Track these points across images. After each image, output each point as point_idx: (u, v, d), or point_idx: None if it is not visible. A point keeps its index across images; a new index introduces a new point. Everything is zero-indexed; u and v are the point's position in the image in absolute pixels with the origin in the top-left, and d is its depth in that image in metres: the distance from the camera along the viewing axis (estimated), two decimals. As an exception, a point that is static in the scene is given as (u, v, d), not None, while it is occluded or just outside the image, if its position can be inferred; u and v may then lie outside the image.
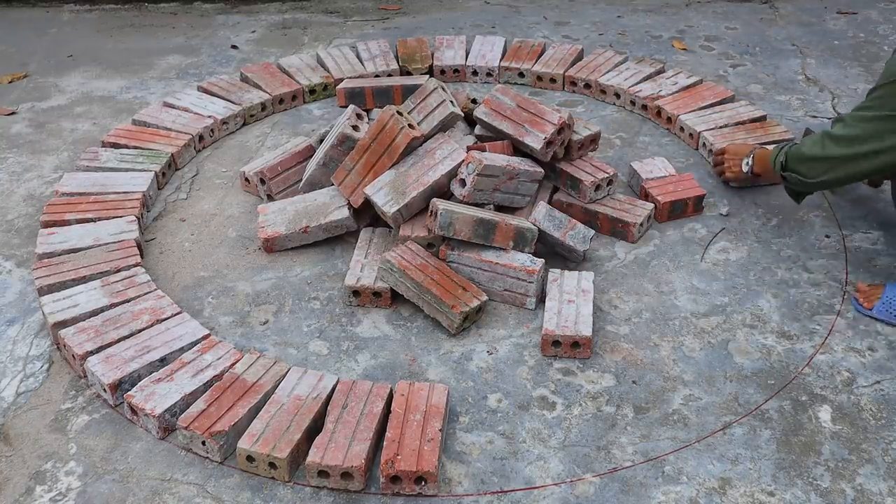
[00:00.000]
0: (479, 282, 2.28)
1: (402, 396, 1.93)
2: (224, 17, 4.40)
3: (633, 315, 2.27)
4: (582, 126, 2.62)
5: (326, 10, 4.47)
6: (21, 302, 2.38)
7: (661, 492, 1.77)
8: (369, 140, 2.38)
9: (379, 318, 2.29)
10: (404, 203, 2.26)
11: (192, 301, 2.36)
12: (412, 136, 2.36)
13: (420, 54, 3.65)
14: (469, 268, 2.28)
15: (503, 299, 2.29)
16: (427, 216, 2.30)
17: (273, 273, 2.47)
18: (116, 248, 2.44)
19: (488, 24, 4.20)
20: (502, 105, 2.52)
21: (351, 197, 2.46)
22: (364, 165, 2.42)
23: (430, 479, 1.76)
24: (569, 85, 3.50)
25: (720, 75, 3.59)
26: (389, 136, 2.38)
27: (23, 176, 3.00)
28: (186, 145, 3.04)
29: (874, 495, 1.75)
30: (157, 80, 3.70)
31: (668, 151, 3.02)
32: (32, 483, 1.82)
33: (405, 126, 2.36)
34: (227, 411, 1.89)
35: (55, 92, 3.61)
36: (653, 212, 2.59)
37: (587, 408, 1.99)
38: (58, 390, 2.07)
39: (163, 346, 2.09)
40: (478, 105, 2.81)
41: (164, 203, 2.82)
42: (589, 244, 2.40)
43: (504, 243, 2.27)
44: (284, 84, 3.44)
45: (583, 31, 4.11)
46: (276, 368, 2.03)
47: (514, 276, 2.24)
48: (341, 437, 1.82)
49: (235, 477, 1.83)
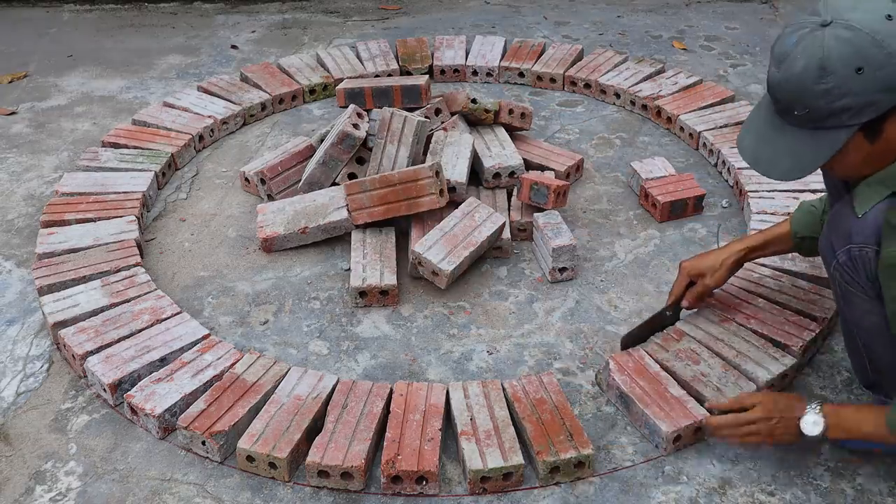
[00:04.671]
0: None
1: (401, 396, 1.93)
2: (224, 17, 4.40)
3: (633, 315, 2.27)
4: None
5: (326, 10, 4.47)
6: (21, 302, 2.38)
7: (661, 492, 1.77)
8: (398, 181, 2.38)
9: (379, 318, 2.29)
10: (458, 263, 2.27)
11: (192, 301, 2.36)
12: (438, 204, 2.39)
13: (420, 54, 3.64)
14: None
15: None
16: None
17: (273, 273, 2.47)
18: (116, 248, 2.43)
19: (488, 24, 4.20)
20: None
21: (355, 213, 2.45)
22: (380, 197, 2.42)
23: (431, 479, 1.76)
24: (569, 85, 3.50)
25: (720, 75, 3.59)
26: (417, 191, 2.39)
27: (23, 176, 3.00)
28: (186, 145, 3.04)
29: (874, 495, 1.75)
30: (157, 80, 3.70)
31: (668, 151, 3.02)
32: (32, 483, 1.82)
33: (435, 193, 2.37)
34: (227, 411, 1.89)
35: (55, 92, 3.61)
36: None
37: (587, 408, 1.99)
38: (58, 390, 2.07)
39: (163, 346, 2.09)
40: (478, 105, 2.82)
41: (164, 203, 2.82)
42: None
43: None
44: (284, 84, 3.44)
45: (583, 31, 4.11)
46: (276, 368, 2.03)
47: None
48: (341, 437, 1.82)
49: (235, 477, 1.83)
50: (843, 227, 1.54)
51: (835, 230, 1.57)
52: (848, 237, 1.52)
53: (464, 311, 2.31)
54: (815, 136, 1.43)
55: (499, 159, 2.67)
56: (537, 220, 2.46)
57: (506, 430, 1.84)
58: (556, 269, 2.38)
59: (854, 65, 1.35)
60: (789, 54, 1.41)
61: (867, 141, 1.43)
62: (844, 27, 1.35)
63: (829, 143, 1.43)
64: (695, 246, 2.53)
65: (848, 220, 1.52)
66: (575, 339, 2.20)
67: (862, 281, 1.53)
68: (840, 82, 1.36)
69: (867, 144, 1.44)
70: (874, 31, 1.33)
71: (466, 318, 2.29)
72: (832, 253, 1.58)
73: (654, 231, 2.61)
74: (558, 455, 1.77)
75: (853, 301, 1.60)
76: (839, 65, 1.35)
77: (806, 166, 1.46)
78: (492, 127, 2.88)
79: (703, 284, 2.01)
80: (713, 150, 2.92)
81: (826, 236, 1.61)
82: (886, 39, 1.33)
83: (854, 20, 1.35)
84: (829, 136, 1.42)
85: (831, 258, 1.59)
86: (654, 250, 2.53)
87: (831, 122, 1.41)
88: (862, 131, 1.42)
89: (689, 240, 2.57)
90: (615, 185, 2.85)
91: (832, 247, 1.58)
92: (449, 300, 2.35)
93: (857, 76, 1.35)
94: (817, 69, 1.37)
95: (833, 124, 1.41)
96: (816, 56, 1.37)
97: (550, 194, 2.49)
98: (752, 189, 2.61)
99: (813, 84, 1.38)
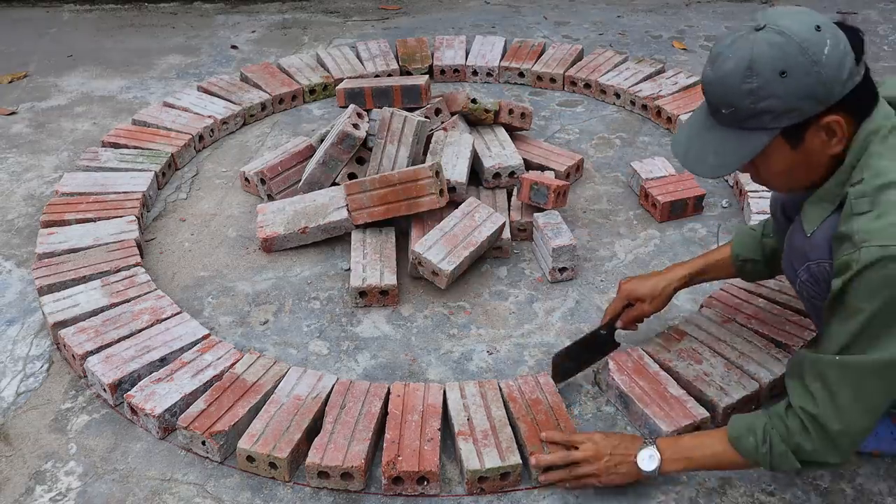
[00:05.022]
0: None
1: (399, 397, 1.93)
2: (224, 17, 4.40)
3: (633, 315, 2.27)
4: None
5: (326, 10, 4.47)
6: (21, 302, 2.38)
7: (661, 492, 1.77)
8: (398, 181, 2.38)
9: (379, 318, 2.29)
10: (458, 263, 2.27)
11: (192, 301, 2.36)
12: (438, 204, 2.39)
13: (420, 54, 3.65)
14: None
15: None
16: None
17: (273, 273, 2.47)
18: (116, 248, 2.43)
19: (488, 24, 4.20)
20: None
21: (355, 213, 2.45)
22: (380, 197, 2.42)
23: (432, 479, 1.76)
24: (569, 85, 3.50)
25: (720, 75, 3.59)
26: (417, 191, 2.39)
27: (23, 176, 3.00)
28: (186, 145, 3.04)
29: (874, 495, 1.75)
30: (157, 80, 3.70)
31: (667, 151, 3.02)
32: (32, 483, 1.82)
33: (435, 194, 2.37)
34: (227, 411, 1.89)
35: (55, 92, 3.61)
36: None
37: (587, 407, 1.99)
38: (58, 390, 2.07)
39: (163, 346, 2.09)
40: (478, 105, 2.82)
41: (164, 203, 2.82)
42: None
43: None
44: (284, 84, 3.44)
45: (583, 31, 4.11)
46: (276, 368, 2.03)
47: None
48: (340, 438, 1.82)
49: (235, 477, 1.83)
50: (798, 247, 1.58)
51: (792, 251, 1.62)
52: (805, 256, 1.56)
53: (464, 311, 2.31)
54: (739, 136, 1.47)
55: (499, 159, 2.67)
56: (537, 220, 2.46)
57: (503, 430, 1.84)
58: (556, 269, 2.38)
59: (779, 68, 1.38)
60: (721, 54, 1.44)
61: (789, 146, 1.46)
62: (776, 32, 1.39)
63: (751, 143, 1.46)
64: (695, 246, 2.53)
65: (801, 240, 1.57)
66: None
67: (825, 294, 1.54)
68: (764, 84, 1.39)
69: (789, 150, 1.47)
70: (803, 38, 1.37)
71: (466, 318, 2.29)
72: (794, 272, 1.62)
73: (654, 231, 2.61)
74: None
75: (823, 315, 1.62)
76: (765, 67, 1.39)
77: (728, 164, 1.50)
78: (492, 127, 2.88)
79: (641, 309, 2.01)
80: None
81: (786, 258, 1.65)
82: (812, 48, 1.37)
83: (785, 27, 1.39)
84: (752, 138, 1.46)
85: (794, 277, 1.63)
86: (654, 250, 2.53)
87: (753, 124, 1.44)
88: (784, 136, 1.45)
89: (689, 240, 2.57)
90: (615, 185, 2.85)
91: (793, 267, 1.62)
92: (449, 300, 2.35)
93: (781, 80, 1.38)
94: (745, 69, 1.40)
95: (755, 125, 1.44)
96: (745, 57, 1.40)
97: (550, 194, 2.49)
98: (752, 189, 2.61)
99: (739, 83, 1.41)
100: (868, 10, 4.27)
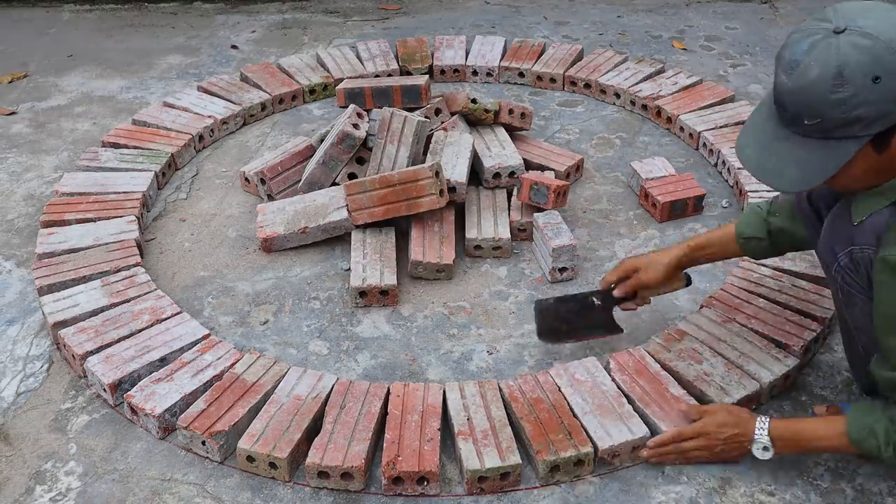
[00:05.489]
0: None
1: (398, 398, 1.93)
2: (224, 17, 4.40)
3: (633, 315, 2.27)
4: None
5: (326, 10, 4.47)
6: (21, 302, 2.38)
7: (661, 492, 1.77)
8: (398, 181, 2.38)
9: (379, 318, 2.29)
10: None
11: (192, 301, 2.36)
12: (438, 205, 2.39)
13: (420, 54, 3.64)
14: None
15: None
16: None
17: (273, 273, 2.47)
18: (116, 248, 2.43)
19: (488, 24, 4.20)
20: None
21: (355, 213, 2.45)
22: (380, 198, 2.42)
23: (432, 479, 1.76)
24: (569, 85, 3.50)
25: (720, 75, 3.59)
26: (417, 191, 2.39)
27: (23, 176, 3.00)
28: (186, 145, 3.04)
29: (874, 495, 1.75)
30: (157, 80, 3.70)
31: (668, 151, 3.02)
32: (32, 483, 1.82)
33: (435, 194, 2.37)
34: (227, 411, 1.89)
35: (55, 92, 3.61)
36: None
37: (587, 408, 1.99)
38: (58, 390, 2.07)
39: (163, 346, 2.09)
40: (478, 105, 2.82)
41: (164, 203, 2.82)
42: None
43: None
44: (284, 84, 3.44)
45: (583, 31, 4.11)
46: (276, 368, 2.03)
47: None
48: (340, 438, 1.82)
49: (235, 477, 1.83)
50: (843, 232, 1.54)
51: (835, 235, 1.57)
52: (850, 240, 1.52)
53: (464, 311, 2.31)
54: (824, 147, 1.39)
55: (499, 159, 2.67)
56: (537, 220, 2.46)
57: (503, 430, 1.84)
58: (556, 269, 2.38)
59: (872, 73, 1.31)
60: (801, 62, 1.36)
61: (875, 152, 1.40)
62: (861, 35, 1.31)
63: (838, 153, 1.39)
64: (695, 246, 2.53)
65: (847, 226, 1.52)
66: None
67: (863, 282, 1.53)
68: (857, 91, 1.32)
69: (874, 156, 1.40)
70: (891, 39, 1.30)
71: (466, 318, 2.29)
72: (833, 256, 1.58)
73: (654, 231, 2.61)
74: (558, 454, 1.77)
75: (855, 303, 1.60)
76: (856, 73, 1.31)
77: (813, 177, 1.42)
78: (492, 127, 2.88)
79: (637, 278, 2.00)
80: (713, 150, 2.92)
81: (825, 241, 1.61)
82: None
83: (869, 28, 1.32)
84: (840, 147, 1.38)
85: (832, 261, 1.59)
86: (654, 250, 2.52)
87: (842, 133, 1.37)
88: (871, 143, 1.38)
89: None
90: (615, 185, 2.85)
91: (833, 251, 1.58)
92: (449, 300, 2.35)
93: (875, 85, 1.31)
94: (833, 77, 1.32)
95: (844, 135, 1.37)
96: (832, 64, 1.32)
97: (550, 194, 2.49)
98: (751, 189, 2.61)
99: (828, 93, 1.33)
100: (868, 10, 4.27)
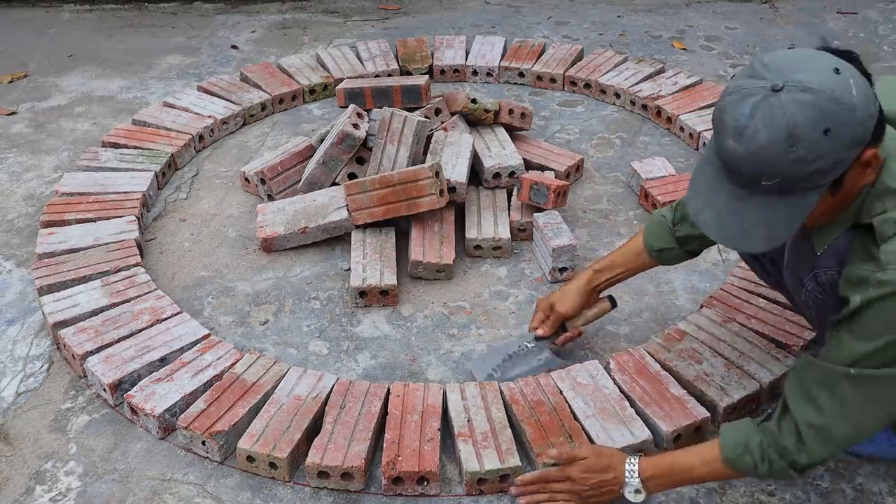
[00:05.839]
0: None
1: (399, 398, 1.93)
2: (224, 17, 4.40)
3: (633, 315, 2.27)
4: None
5: (326, 10, 4.47)
6: (21, 302, 2.38)
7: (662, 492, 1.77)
8: (398, 181, 2.38)
9: (379, 318, 2.29)
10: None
11: (192, 301, 2.36)
12: (438, 205, 2.39)
13: (420, 54, 3.64)
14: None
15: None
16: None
17: (273, 273, 2.47)
18: (116, 248, 2.43)
19: (488, 24, 4.20)
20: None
21: (355, 213, 2.45)
22: (380, 198, 2.42)
23: (432, 479, 1.76)
24: (569, 85, 3.50)
25: (720, 75, 3.59)
26: (416, 191, 2.39)
27: (23, 176, 3.00)
28: (186, 145, 3.04)
29: (874, 495, 1.75)
30: (157, 80, 3.70)
31: (668, 151, 3.02)
32: (32, 483, 1.82)
33: (435, 194, 2.37)
34: (227, 411, 1.89)
35: (55, 92, 3.61)
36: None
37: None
38: (58, 390, 2.07)
39: (163, 346, 2.09)
40: (478, 105, 2.82)
41: (164, 203, 2.82)
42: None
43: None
44: (284, 84, 3.44)
45: (583, 31, 4.11)
46: (276, 368, 2.03)
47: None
48: (340, 438, 1.82)
49: (235, 477, 1.83)
50: (807, 260, 1.54)
51: (798, 264, 1.58)
52: (812, 265, 1.53)
53: (464, 311, 2.31)
54: (787, 202, 1.37)
55: (499, 159, 2.67)
56: (537, 220, 2.46)
57: (503, 432, 1.84)
58: (556, 269, 2.38)
59: (821, 127, 1.28)
60: (747, 126, 1.31)
61: (831, 194, 1.39)
62: (801, 90, 1.29)
63: (801, 206, 1.37)
64: (695, 246, 2.53)
65: (811, 255, 1.53)
66: (574, 338, 2.20)
67: (833, 303, 1.51)
68: (811, 148, 1.29)
69: (831, 197, 1.40)
70: (830, 88, 1.28)
71: (466, 318, 2.29)
72: (801, 283, 1.58)
73: (655, 231, 2.61)
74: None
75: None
76: (807, 130, 1.28)
77: (781, 234, 1.40)
78: (492, 127, 2.88)
79: (556, 312, 2.02)
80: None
81: (790, 269, 1.62)
82: (842, 95, 1.29)
83: (807, 81, 1.29)
84: (802, 199, 1.36)
85: (800, 287, 1.59)
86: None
87: (802, 186, 1.35)
88: (828, 187, 1.37)
89: (690, 240, 2.56)
90: (615, 185, 2.85)
91: (799, 278, 1.58)
92: (449, 300, 2.35)
93: (826, 138, 1.29)
94: (786, 139, 1.29)
95: (804, 187, 1.35)
96: (780, 126, 1.29)
97: (550, 194, 2.49)
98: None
99: (783, 154, 1.30)
100: (868, 9, 4.27)
